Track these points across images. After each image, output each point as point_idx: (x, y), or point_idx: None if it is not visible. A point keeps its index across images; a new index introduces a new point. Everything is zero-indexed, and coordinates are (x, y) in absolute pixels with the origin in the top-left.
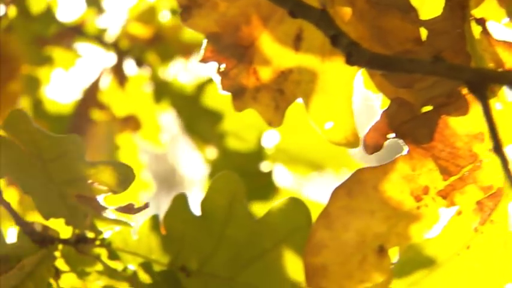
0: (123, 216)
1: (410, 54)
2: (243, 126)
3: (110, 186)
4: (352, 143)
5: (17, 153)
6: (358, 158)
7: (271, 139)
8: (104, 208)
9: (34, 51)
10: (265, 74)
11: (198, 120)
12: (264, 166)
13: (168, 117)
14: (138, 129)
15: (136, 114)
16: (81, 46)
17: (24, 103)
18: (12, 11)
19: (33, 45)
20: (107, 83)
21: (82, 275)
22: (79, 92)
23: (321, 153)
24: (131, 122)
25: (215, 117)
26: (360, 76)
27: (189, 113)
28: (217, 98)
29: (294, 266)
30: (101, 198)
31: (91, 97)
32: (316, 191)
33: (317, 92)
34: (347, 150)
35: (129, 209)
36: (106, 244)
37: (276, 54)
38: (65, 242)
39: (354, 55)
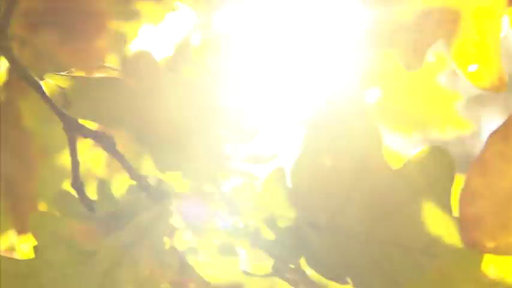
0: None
1: None
2: None
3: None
4: (498, 87)
5: (133, 100)
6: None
7: (371, 96)
8: (229, 158)
9: (121, 6)
10: (403, 13)
11: None
12: None
13: None
14: None
15: None
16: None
17: (111, 60)
18: None
19: (120, 0)
20: (199, 39)
21: (199, 232)
22: (170, 48)
23: (424, 112)
24: None
25: None
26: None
27: None
28: None
29: (434, 219)
30: (228, 147)
31: (183, 53)
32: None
33: (460, 32)
34: (454, 107)
35: (257, 159)
36: (226, 198)
37: None
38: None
39: None
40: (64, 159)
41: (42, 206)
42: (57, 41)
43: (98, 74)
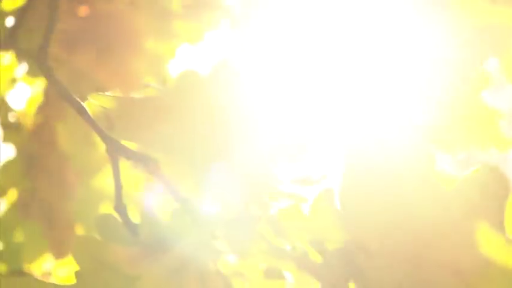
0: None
1: None
2: None
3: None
4: None
5: (177, 120)
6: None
7: (419, 114)
8: (277, 179)
9: (159, 25)
10: (456, 31)
11: None
12: None
13: None
14: None
15: None
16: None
17: (149, 81)
18: None
19: (158, 19)
20: (239, 57)
21: (244, 255)
22: (210, 68)
23: (466, 130)
24: None
25: None
26: None
27: None
28: None
29: (487, 241)
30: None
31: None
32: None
33: None
34: (497, 125)
35: (306, 181)
36: (273, 221)
37: (470, 8)
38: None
39: None
40: (101, 181)
41: (79, 229)
42: (94, 62)
43: (138, 94)
